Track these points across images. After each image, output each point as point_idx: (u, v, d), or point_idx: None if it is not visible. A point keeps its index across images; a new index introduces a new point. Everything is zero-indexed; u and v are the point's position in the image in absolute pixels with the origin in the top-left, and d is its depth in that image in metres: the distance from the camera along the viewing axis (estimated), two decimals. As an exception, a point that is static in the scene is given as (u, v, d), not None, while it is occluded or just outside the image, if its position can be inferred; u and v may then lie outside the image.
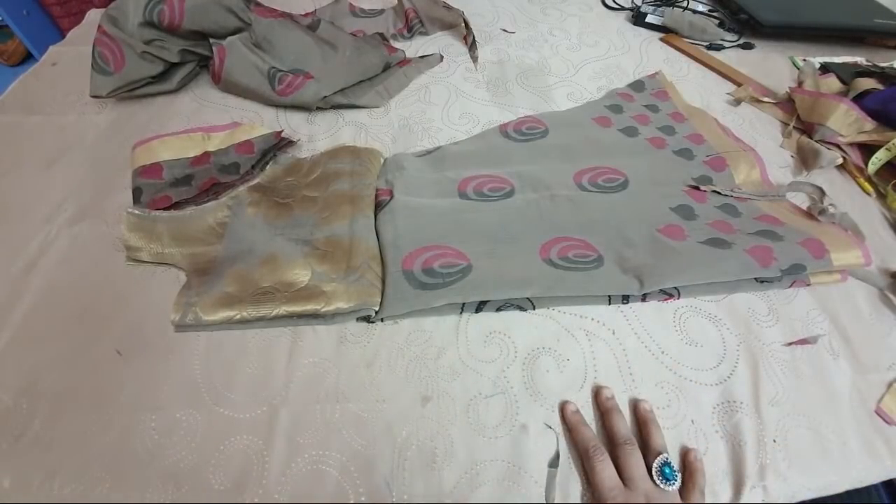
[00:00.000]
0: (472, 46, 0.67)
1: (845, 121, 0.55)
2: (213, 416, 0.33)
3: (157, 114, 0.55)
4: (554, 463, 0.32)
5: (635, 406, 0.35)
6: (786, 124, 0.60)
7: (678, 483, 0.31)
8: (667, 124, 0.57)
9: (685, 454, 0.33)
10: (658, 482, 0.30)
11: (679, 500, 0.30)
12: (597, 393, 0.35)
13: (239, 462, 0.31)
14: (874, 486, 0.46)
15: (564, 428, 0.34)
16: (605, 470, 0.30)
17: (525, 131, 0.55)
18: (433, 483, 0.31)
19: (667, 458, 0.31)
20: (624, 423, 0.33)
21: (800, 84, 0.64)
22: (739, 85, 0.65)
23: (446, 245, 0.41)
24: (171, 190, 0.45)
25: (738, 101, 0.62)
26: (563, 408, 0.34)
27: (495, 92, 0.61)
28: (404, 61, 0.63)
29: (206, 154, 0.48)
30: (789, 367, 0.38)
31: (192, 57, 0.57)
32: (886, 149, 0.52)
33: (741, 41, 0.73)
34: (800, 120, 0.59)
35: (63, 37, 0.66)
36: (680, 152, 0.54)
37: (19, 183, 0.47)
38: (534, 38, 0.71)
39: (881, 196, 0.52)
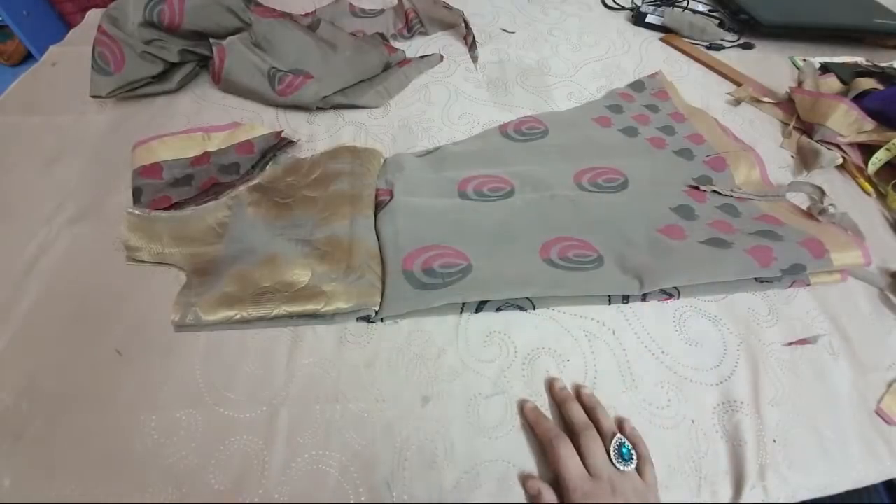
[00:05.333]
0: (472, 46, 0.67)
1: (845, 121, 0.55)
2: (213, 416, 0.33)
3: (157, 114, 0.55)
4: None
5: (577, 393, 0.35)
6: (786, 124, 0.60)
7: (635, 460, 0.31)
8: (667, 124, 0.57)
9: (620, 426, 0.33)
10: (617, 464, 0.31)
11: (639, 480, 0.31)
12: (550, 385, 0.35)
13: (239, 462, 0.31)
14: (874, 486, 0.46)
15: (524, 423, 0.34)
16: (570, 458, 0.31)
17: (525, 131, 0.55)
18: (433, 483, 0.31)
19: (621, 439, 0.32)
20: (580, 411, 0.34)
21: (800, 84, 0.64)
22: (739, 85, 0.65)
23: (446, 245, 0.41)
24: (171, 190, 0.45)
25: (738, 101, 0.62)
26: (521, 406, 0.34)
27: (495, 92, 0.61)
28: (404, 61, 0.63)
29: (206, 154, 0.48)
30: (789, 367, 0.38)
31: (192, 57, 0.57)
32: (886, 149, 0.52)
33: (741, 41, 0.73)
34: (800, 120, 0.59)
35: (71, 34, 0.66)
36: (680, 152, 0.54)
37: (19, 183, 0.47)
38: (534, 38, 0.71)
39: (881, 196, 0.52)
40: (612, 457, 0.31)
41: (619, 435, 0.32)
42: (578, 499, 0.29)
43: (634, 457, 0.31)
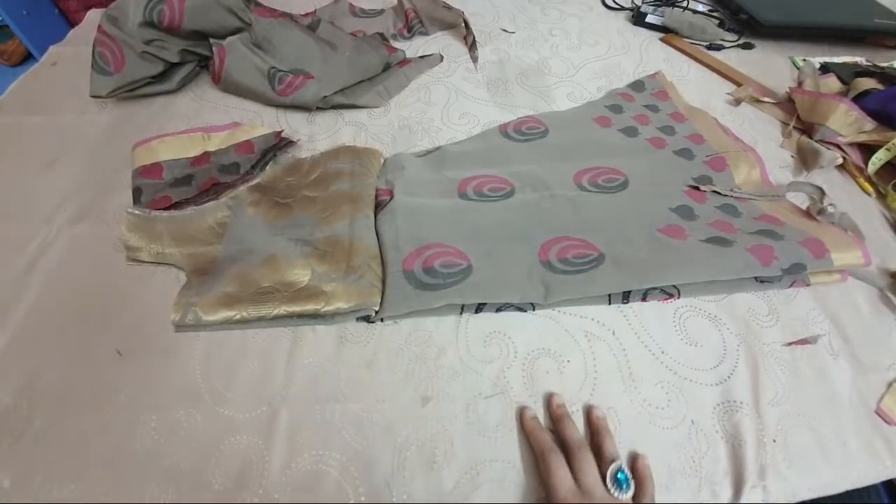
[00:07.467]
0: (472, 46, 0.67)
1: (845, 121, 0.55)
2: (213, 416, 0.33)
3: (157, 114, 0.55)
4: None
5: (588, 414, 0.34)
6: (786, 124, 0.60)
7: (632, 490, 0.30)
8: (667, 124, 0.57)
9: (634, 462, 0.32)
10: (612, 489, 0.30)
11: None
12: (548, 401, 0.35)
13: (239, 462, 0.31)
14: (874, 486, 0.46)
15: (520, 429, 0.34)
16: (560, 471, 0.30)
17: (525, 131, 0.55)
18: (433, 483, 0.31)
19: (620, 465, 0.31)
20: (576, 430, 0.33)
21: (800, 84, 0.64)
22: (739, 85, 0.65)
23: (447, 244, 0.41)
24: (171, 190, 0.45)
25: (738, 101, 0.62)
26: (521, 414, 0.34)
27: (495, 92, 0.61)
28: (404, 61, 0.63)
29: (206, 154, 0.48)
30: (789, 367, 0.38)
31: (192, 57, 0.57)
32: (886, 149, 0.52)
33: (741, 41, 0.73)
34: (800, 120, 0.59)
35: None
36: (680, 152, 0.54)
37: (19, 183, 0.47)
38: (534, 38, 0.71)
39: (881, 196, 0.52)
40: (606, 481, 0.30)
41: (619, 461, 0.31)
42: None
43: (632, 487, 0.30)
